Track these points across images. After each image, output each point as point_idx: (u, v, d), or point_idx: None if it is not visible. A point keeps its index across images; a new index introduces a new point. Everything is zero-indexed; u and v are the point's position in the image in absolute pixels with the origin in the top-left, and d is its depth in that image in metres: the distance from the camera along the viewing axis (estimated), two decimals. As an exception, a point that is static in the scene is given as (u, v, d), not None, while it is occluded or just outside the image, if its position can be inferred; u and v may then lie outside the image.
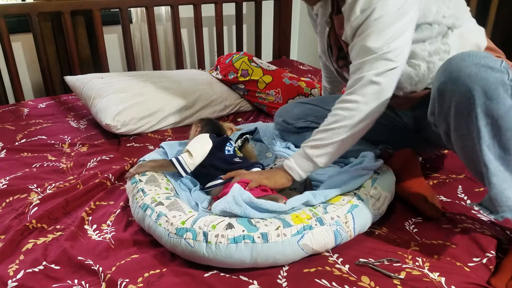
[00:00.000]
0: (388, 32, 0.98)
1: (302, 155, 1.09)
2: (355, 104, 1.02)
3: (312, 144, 1.07)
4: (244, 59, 2.03)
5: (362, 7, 0.99)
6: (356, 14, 1.01)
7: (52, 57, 2.18)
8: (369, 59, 1.00)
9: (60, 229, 1.09)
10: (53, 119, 1.84)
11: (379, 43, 0.99)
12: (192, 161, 1.17)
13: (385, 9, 0.97)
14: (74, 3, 2.09)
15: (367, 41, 1.00)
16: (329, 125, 1.05)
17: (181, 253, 0.95)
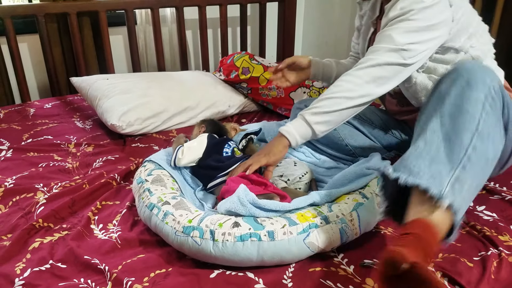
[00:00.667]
0: (415, 35, 1.05)
1: (301, 121, 1.11)
2: (359, 80, 1.07)
3: (313, 111, 1.10)
4: (245, 58, 2.05)
5: (402, 5, 1.05)
6: (396, 9, 1.06)
7: (58, 58, 2.19)
8: (386, 47, 1.06)
9: (66, 228, 1.10)
10: (59, 119, 1.85)
11: (403, 40, 1.05)
12: (181, 157, 1.21)
13: (422, 15, 1.04)
14: (80, 4, 2.10)
15: (394, 33, 1.05)
16: (331, 94, 1.09)
17: (188, 252, 0.96)
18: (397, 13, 1.06)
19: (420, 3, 1.03)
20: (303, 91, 1.85)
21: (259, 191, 1.06)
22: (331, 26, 2.88)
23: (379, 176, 1.10)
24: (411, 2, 1.04)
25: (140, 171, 1.20)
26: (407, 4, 1.05)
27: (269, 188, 1.10)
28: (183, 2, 2.33)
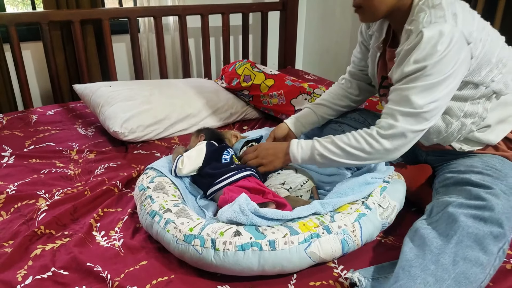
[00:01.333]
0: (433, 92, 0.99)
1: (310, 154, 1.15)
2: (380, 147, 1.06)
3: (322, 154, 1.13)
4: (246, 66, 2.07)
5: (416, 58, 0.99)
6: (409, 62, 1.00)
7: (61, 65, 2.20)
8: (407, 112, 1.02)
9: (68, 235, 1.10)
10: (61, 126, 1.86)
11: (422, 101, 1.00)
12: (181, 167, 1.22)
13: (438, 68, 0.98)
14: (84, 12, 2.12)
15: (412, 94, 1.00)
16: (347, 146, 1.09)
17: (189, 260, 0.95)
18: (412, 69, 1.00)
19: (435, 55, 0.96)
20: (304, 98, 1.86)
21: (257, 199, 1.06)
22: (332, 34, 2.89)
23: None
24: (425, 54, 0.97)
25: (142, 178, 1.20)
26: (421, 58, 0.98)
27: (268, 196, 1.10)
28: (185, 11, 2.35)
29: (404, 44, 1.04)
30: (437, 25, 0.97)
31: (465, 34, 0.98)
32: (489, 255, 0.86)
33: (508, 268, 0.95)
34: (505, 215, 0.91)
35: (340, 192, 1.10)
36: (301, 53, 3.18)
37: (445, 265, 0.83)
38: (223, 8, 2.46)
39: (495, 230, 0.89)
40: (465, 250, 0.86)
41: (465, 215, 0.91)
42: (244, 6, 2.54)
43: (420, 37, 0.98)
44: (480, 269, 0.84)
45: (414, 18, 1.04)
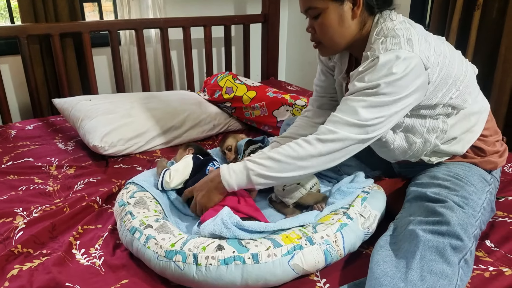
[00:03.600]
0: (382, 111, 0.99)
1: (246, 177, 1.06)
2: (314, 151, 1.02)
3: (259, 172, 1.04)
4: (228, 78, 2.07)
5: (370, 78, 0.99)
6: (363, 79, 1.01)
7: (40, 79, 2.18)
8: (350, 121, 1.00)
9: (46, 254, 1.07)
10: (40, 141, 1.82)
11: (369, 116, 0.99)
12: (168, 181, 1.21)
13: (392, 89, 0.98)
14: (63, 25, 2.10)
15: (360, 107, 0.99)
16: (282, 157, 1.03)
17: (171, 277, 0.94)
18: (364, 85, 0.99)
19: (390, 76, 0.96)
20: (286, 109, 1.87)
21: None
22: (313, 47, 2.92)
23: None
24: (380, 75, 0.97)
25: (122, 194, 1.18)
26: (375, 77, 0.98)
27: (241, 208, 1.09)
28: (167, 24, 2.35)
29: (359, 67, 1.05)
30: (393, 51, 0.98)
31: (422, 59, 0.99)
32: (452, 266, 0.87)
33: (486, 276, 0.96)
34: (461, 226, 0.93)
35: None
36: (284, 64, 3.21)
37: (413, 281, 0.84)
38: (204, 20, 2.47)
39: (454, 242, 0.90)
40: (430, 264, 0.87)
41: (423, 230, 0.93)
42: (226, 19, 2.56)
43: (376, 61, 0.99)
44: (447, 281, 0.85)
45: (372, 46, 1.05)
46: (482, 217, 1.03)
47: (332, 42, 1.11)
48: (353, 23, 1.08)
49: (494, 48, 1.96)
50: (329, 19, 1.06)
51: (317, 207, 1.16)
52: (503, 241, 1.08)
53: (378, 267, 0.89)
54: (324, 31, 1.09)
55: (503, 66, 1.91)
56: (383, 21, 1.07)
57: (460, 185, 1.06)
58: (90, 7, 2.55)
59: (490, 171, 1.18)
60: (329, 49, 1.14)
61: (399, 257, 0.90)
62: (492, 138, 1.19)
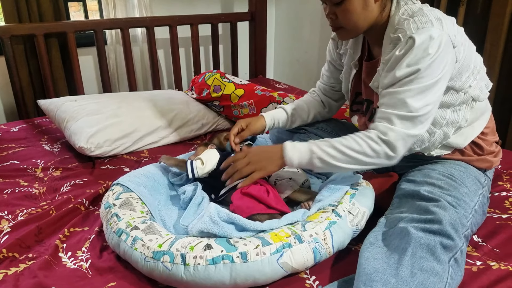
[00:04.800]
0: (427, 95, 1.01)
1: (308, 158, 1.09)
2: (382, 151, 1.04)
3: (322, 158, 1.07)
4: (216, 76, 2.06)
5: (409, 62, 1.00)
6: (402, 66, 1.01)
7: (25, 80, 2.14)
8: (404, 116, 1.02)
9: (32, 258, 1.05)
10: (26, 143, 1.80)
11: (418, 104, 1.00)
12: (202, 167, 1.21)
13: (430, 71, 0.99)
14: (47, 25, 2.07)
15: (407, 97, 1.01)
16: (347, 149, 1.05)
17: (159, 278, 0.93)
18: (405, 72, 1.00)
19: (427, 58, 0.98)
20: (274, 107, 1.86)
21: (260, 209, 1.08)
22: (301, 45, 2.93)
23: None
24: (417, 58, 0.99)
25: (108, 195, 1.17)
26: (413, 62, 0.99)
27: (270, 201, 1.11)
28: (153, 22, 2.33)
29: (394, 50, 1.04)
30: (425, 30, 0.99)
31: (451, 37, 1.01)
32: (442, 264, 0.88)
33: (474, 270, 0.97)
34: (452, 226, 0.94)
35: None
36: (272, 62, 3.21)
37: (404, 278, 0.84)
38: (191, 19, 2.45)
39: (444, 241, 0.91)
40: (420, 261, 0.87)
41: (415, 228, 0.93)
42: (212, 17, 2.55)
43: (412, 42, 0.99)
44: (437, 278, 0.85)
45: (399, 27, 1.05)
46: (473, 219, 1.03)
47: (355, 27, 1.10)
48: (375, 6, 1.08)
49: (479, 44, 1.97)
50: (354, 4, 1.06)
51: (305, 205, 1.16)
52: (490, 236, 1.09)
53: (368, 264, 0.89)
54: (348, 17, 1.08)
55: (488, 62, 1.93)
56: (404, 3, 1.09)
57: (453, 186, 1.07)
58: (75, 7, 2.52)
59: (485, 171, 1.18)
60: (351, 33, 1.13)
61: (390, 253, 0.90)
62: (491, 138, 1.20)
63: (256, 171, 1.13)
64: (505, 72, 1.91)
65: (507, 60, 1.90)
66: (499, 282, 0.92)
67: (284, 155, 1.11)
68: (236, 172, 1.14)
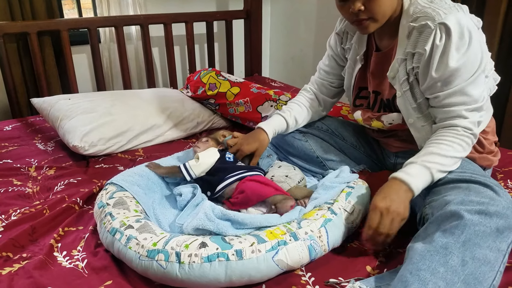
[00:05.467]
0: (480, 80, 1.03)
1: (428, 174, 1.01)
2: (471, 142, 1.06)
3: (439, 169, 1.01)
4: (211, 74, 2.05)
5: (453, 52, 1.00)
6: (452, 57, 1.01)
7: (18, 79, 2.13)
8: (474, 108, 1.04)
9: (26, 258, 1.05)
10: (19, 142, 1.78)
11: (478, 91, 1.03)
12: (197, 164, 1.21)
13: (473, 56, 1.01)
14: (40, 23, 2.05)
15: (471, 89, 1.02)
16: (450, 153, 1.02)
17: (153, 276, 0.93)
18: (456, 63, 1.00)
19: (466, 44, 0.99)
20: (270, 105, 1.86)
21: (270, 191, 1.11)
22: (297, 43, 2.93)
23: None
24: (459, 45, 0.99)
25: (102, 195, 1.16)
26: (456, 49, 1.00)
27: (276, 185, 1.14)
28: (147, 20, 2.32)
29: (429, 41, 1.03)
30: (451, 15, 1.00)
31: (473, 20, 1.03)
32: (496, 252, 0.82)
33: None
34: (509, 209, 0.88)
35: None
36: (268, 60, 3.20)
37: (454, 267, 0.80)
38: (186, 16, 2.44)
39: (501, 225, 0.85)
40: (473, 248, 0.82)
41: (469, 211, 0.86)
42: (207, 15, 2.54)
43: (446, 30, 0.99)
44: (489, 267, 0.81)
45: (420, 15, 1.05)
46: None
47: (383, 15, 1.09)
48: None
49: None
50: None
51: (301, 203, 1.16)
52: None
53: (415, 252, 0.85)
54: (378, 5, 1.06)
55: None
56: None
57: (481, 173, 1.04)
58: (69, 5, 2.51)
59: (485, 169, 1.19)
60: (379, 22, 1.11)
61: (439, 239, 0.85)
62: (491, 138, 1.21)
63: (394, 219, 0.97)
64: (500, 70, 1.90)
65: (501, 59, 1.90)
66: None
67: (410, 187, 0.99)
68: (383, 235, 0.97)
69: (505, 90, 1.92)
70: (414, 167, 1.01)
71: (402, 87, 1.12)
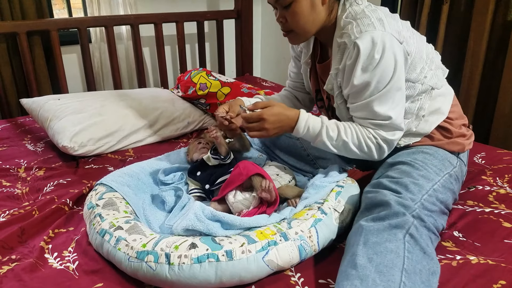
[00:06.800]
0: (389, 98, 1.06)
1: (314, 138, 1.14)
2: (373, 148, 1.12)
3: (326, 143, 1.14)
4: (202, 74, 2.05)
5: (361, 69, 1.04)
6: (356, 74, 1.05)
7: (7, 79, 2.11)
8: (379, 124, 1.10)
9: (16, 260, 1.04)
10: (8, 143, 1.77)
11: (384, 109, 1.07)
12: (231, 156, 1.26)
13: (381, 76, 1.04)
14: (30, 23, 2.04)
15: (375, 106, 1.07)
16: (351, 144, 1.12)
17: (143, 278, 0.92)
18: (359, 80, 1.05)
19: (374, 63, 1.02)
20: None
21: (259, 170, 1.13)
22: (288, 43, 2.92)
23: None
24: (366, 65, 1.03)
25: (91, 196, 1.15)
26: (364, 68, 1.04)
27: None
28: (138, 20, 2.31)
29: (345, 59, 1.08)
30: (367, 33, 1.02)
31: (394, 35, 1.04)
32: (394, 241, 0.89)
33: (454, 265, 0.97)
34: (399, 204, 0.96)
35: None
36: (259, 60, 3.20)
37: (362, 265, 0.85)
38: (176, 16, 2.44)
39: (393, 221, 0.93)
40: (373, 246, 0.89)
41: (365, 220, 0.96)
42: (198, 15, 2.53)
43: (357, 49, 1.03)
44: (393, 255, 0.87)
45: (344, 31, 1.08)
46: (430, 198, 1.04)
47: (304, 30, 1.13)
48: (322, 9, 1.11)
49: (462, 42, 2.01)
50: (301, 6, 1.09)
51: (291, 203, 1.17)
52: (471, 230, 1.10)
53: (339, 273, 0.89)
54: (296, 19, 1.10)
55: (472, 60, 1.95)
56: (349, 5, 1.11)
57: (406, 172, 1.09)
58: (59, 5, 2.49)
59: (458, 154, 1.20)
60: (301, 36, 1.16)
61: (348, 251, 0.92)
62: (458, 121, 1.22)
63: (264, 130, 1.12)
64: (488, 69, 1.94)
65: (490, 58, 1.93)
66: (479, 277, 0.93)
67: (296, 128, 1.13)
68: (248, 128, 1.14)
69: (494, 91, 1.94)
70: (315, 125, 1.13)
71: (337, 100, 1.18)
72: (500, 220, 1.11)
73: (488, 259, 0.98)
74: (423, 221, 0.97)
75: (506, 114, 1.90)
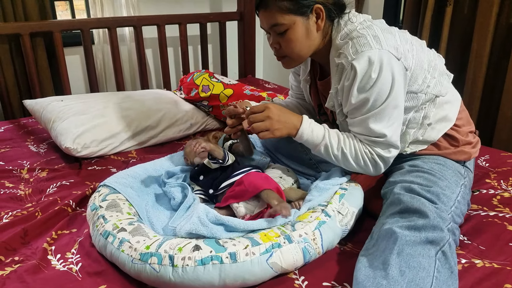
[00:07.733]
0: (385, 117, 1.06)
1: (316, 144, 1.13)
2: (368, 161, 1.13)
3: (328, 151, 1.13)
4: (204, 76, 2.05)
5: (358, 90, 1.04)
6: (353, 94, 1.05)
7: (10, 80, 2.11)
8: (375, 141, 1.10)
9: (19, 261, 1.04)
10: (11, 144, 1.77)
11: (379, 127, 1.07)
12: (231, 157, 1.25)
13: (378, 95, 1.04)
14: (33, 25, 2.04)
15: (370, 123, 1.07)
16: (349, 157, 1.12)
17: (146, 280, 0.92)
18: (357, 99, 1.05)
19: (371, 83, 1.02)
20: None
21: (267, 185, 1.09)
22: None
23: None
24: (363, 85, 1.03)
25: (94, 197, 1.15)
26: (360, 88, 1.04)
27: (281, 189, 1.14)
28: (141, 22, 2.31)
29: (343, 80, 1.08)
30: (364, 53, 1.02)
31: (392, 52, 1.03)
32: (428, 258, 0.88)
33: (459, 268, 0.97)
34: (436, 221, 0.95)
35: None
36: (261, 62, 3.20)
37: (394, 278, 0.84)
38: (179, 18, 2.44)
39: (430, 235, 0.92)
40: (407, 258, 0.87)
41: (400, 227, 0.94)
42: (201, 16, 2.54)
43: (354, 71, 1.03)
44: (425, 273, 0.86)
45: (341, 51, 1.08)
46: (456, 210, 1.05)
47: (299, 55, 1.13)
48: (317, 35, 1.11)
49: (466, 44, 2.00)
50: (297, 33, 1.08)
51: (295, 205, 1.16)
52: (476, 234, 1.10)
53: (360, 273, 0.89)
54: (291, 46, 1.10)
55: (475, 62, 1.95)
56: (343, 24, 1.10)
57: (433, 180, 1.08)
58: (62, 6, 2.50)
59: (464, 163, 1.20)
60: (296, 61, 1.17)
61: (379, 256, 0.91)
62: (466, 128, 1.21)
63: (267, 130, 1.10)
64: (492, 72, 1.94)
65: (493, 60, 1.92)
66: (484, 280, 0.93)
67: (300, 130, 1.12)
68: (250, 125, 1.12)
69: (497, 93, 1.94)
70: (318, 131, 1.12)
71: (339, 117, 1.18)
72: (505, 224, 1.11)
73: (494, 263, 0.98)
74: (455, 235, 0.97)
75: (509, 117, 1.89)
